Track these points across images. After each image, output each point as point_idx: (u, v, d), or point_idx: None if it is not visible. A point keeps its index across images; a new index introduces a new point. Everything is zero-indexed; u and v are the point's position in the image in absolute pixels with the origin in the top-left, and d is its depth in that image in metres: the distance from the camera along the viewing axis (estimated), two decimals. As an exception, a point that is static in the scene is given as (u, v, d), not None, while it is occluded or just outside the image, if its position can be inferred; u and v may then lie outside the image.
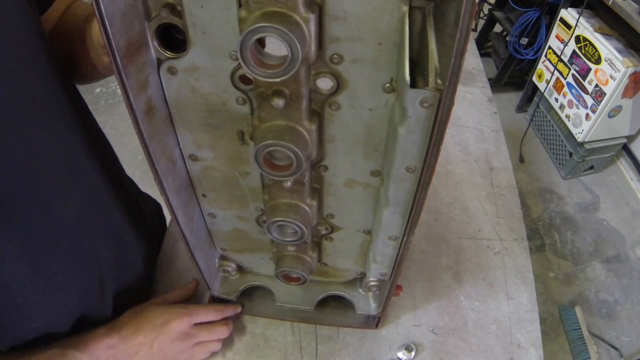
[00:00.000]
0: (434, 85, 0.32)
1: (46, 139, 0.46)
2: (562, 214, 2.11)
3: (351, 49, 0.35)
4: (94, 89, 2.66)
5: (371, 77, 0.37)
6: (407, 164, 0.39)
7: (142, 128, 0.38)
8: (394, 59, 0.35)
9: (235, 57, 0.36)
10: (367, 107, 0.39)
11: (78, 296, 0.54)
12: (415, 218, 0.44)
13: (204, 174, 0.50)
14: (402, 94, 0.35)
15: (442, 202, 0.92)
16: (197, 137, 0.45)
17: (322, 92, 0.38)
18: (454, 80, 0.30)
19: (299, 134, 0.40)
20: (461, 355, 0.70)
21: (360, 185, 0.48)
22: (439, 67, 0.32)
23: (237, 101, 0.40)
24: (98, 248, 0.55)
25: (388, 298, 0.61)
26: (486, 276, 0.80)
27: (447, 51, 0.30)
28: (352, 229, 0.55)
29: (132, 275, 0.66)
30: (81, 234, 0.52)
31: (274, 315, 0.73)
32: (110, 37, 0.31)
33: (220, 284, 0.69)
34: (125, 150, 2.34)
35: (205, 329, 0.64)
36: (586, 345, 1.62)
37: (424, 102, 0.33)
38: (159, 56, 0.38)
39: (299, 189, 0.47)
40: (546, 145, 2.38)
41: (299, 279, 0.59)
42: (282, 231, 0.51)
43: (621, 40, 1.85)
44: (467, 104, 1.15)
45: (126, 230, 0.63)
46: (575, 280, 1.88)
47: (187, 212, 0.52)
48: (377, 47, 0.34)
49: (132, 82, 0.35)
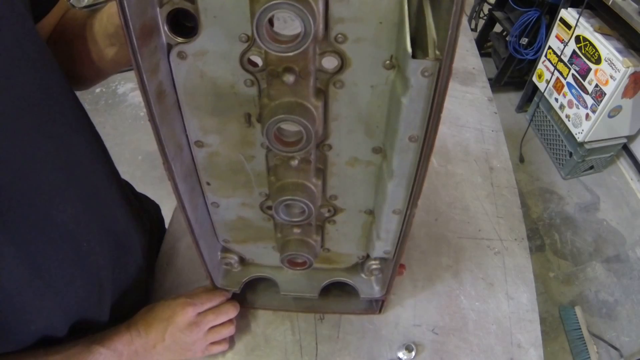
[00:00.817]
0: (434, 55, 0.35)
1: (45, 144, 0.46)
2: (562, 214, 2.11)
3: (354, 28, 0.37)
4: (94, 89, 2.65)
5: (373, 55, 0.39)
6: (410, 133, 0.41)
7: (154, 111, 0.40)
8: (394, 37, 0.37)
9: (245, 39, 0.38)
10: (369, 84, 0.41)
11: (77, 300, 0.54)
12: (418, 189, 0.46)
13: (209, 161, 0.51)
14: (404, 66, 0.37)
15: (442, 202, 0.92)
16: (204, 122, 0.46)
17: (327, 70, 0.40)
18: (451, 51, 0.34)
19: (308, 109, 0.42)
20: (461, 355, 0.70)
21: (362, 163, 0.50)
22: (436, 40, 0.36)
23: (246, 83, 0.42)
24: (97, 251, 0.55)
25: (392, 277, 0.62)
26: (486, 276, 0.80)
27: (443, 24, 0.33)
28: (355, 210, 0.56)
29: (130, 277, 0.66)
30: (80, 237, 0.52)
31: (278, 307, 0.73)
32: (128, 18, 0.33)
33: (223, 277, 0.69)
34: (125, 150, 2.34)
35: (211, 313, 0.65)
36: (586, 345, 1.62)
37: (425, 71, 0.36)
38: (169, 41, 0.39)
39: (305, 167, 0.49)
40: (546, 145, 2.38)
41: (305, 263, 0.61)
42: (289, 211, 0.53)
43: (621, 40, 1.85)
44: (467, 104, 1.15)
45: (125, 232, 0.63)
46: (575, 280, 1.88)
47: (192, 200, 0.53)
48: (378, 26, 0.37)
49: (145, 65, 0.37)
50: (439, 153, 1.02)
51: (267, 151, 0.49)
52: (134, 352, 0.59)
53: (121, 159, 2.16)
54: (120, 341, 0.58)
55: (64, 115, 0.50)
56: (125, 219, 0.63)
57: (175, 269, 0.80)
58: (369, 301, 0.73)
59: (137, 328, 0.60)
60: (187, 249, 0.82)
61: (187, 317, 0.63)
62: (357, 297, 0.69)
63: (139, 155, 2.26)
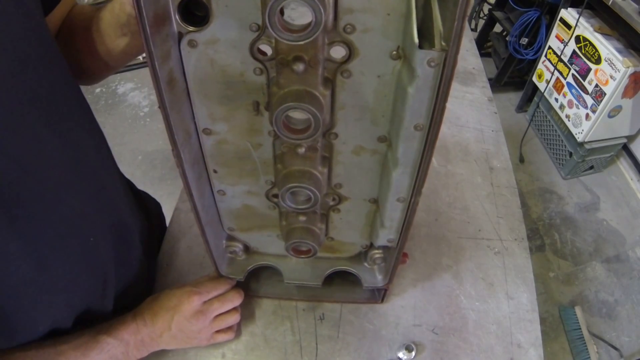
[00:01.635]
0: (440, 46, 0.36)
1: (51, 139, 0.46)
2: (562, 214, 2.11)
3: (362, 19, 0.38)
4: (94, 89, 2.66)
5: (380, 45, 0.40)
6: (415, 122, 0.42)
7: (165, 97, 0.41)
8: (401, 28, 0.38)
9: (255, 28, 0.39)
10: (375, 74, 0.42)
11: (82, 294, 0.55)
12: (423, 177, 0.48)
13: (216, 149, 0.52)
14: (410, 56, 0.38)
15: (443, 202, 0.92)
16: (212, 109, 0.47)
17: (335, 60, 0.41)
18: (457, 42, 0.35)
19: (316, 97, 0.43)
20: (461, 355, 0.70)
21: (367, 151, 0.51)
22: (443, 31, 0.37)
23: (255, 71, 0.43)
24: (102, 246, 0.56)
25: (396, 265, 0.63)
26: (486, 276, 0.80)
27: (449, 16, 0.34)
28: (359, 198, 0.57)
29: (132, 271, 0.67)
30: (86, 233, 0.53)
31: (282, 295, 0.74)
32: (142, 5, 0.34)
33: (228, 265, 0.70)
34: (125, 150, 2.34)
35: (216, 300, 0.66)
36: (586, 345, 1.62)
37: (431, 61, 0.37)
38: (180, 30, 0.40)
39: (311, 155, 0.50)
40: (546, 145, 2.38)
41: (309, 251, 0.62)
42: (295, 198, 0.54)
43: (621, 40, 1.85)
44: (467, 104, 1.15)
45: (127, 227, 0.64)
46: (575, 280, 1.88)
47: (200, 188, 0.54)
48: (385, 17, 0.38)
49: (157, 52, 0.38)
50: (439, 153, 1.02)
51: (274, 139, 0.50)
52: (140, 341, 0.60)
53: (121, 159, 2.14)
54: (126, 330, 0.59)
55: (70, 110, 0.50)
56: (128, 214, 0.64)
57: (176, 269, 0.80)
58: (372, 291, 0.73)
59: (143, 317, 0.61)
60: (187, 250, 0.82)
61: (193, 305, 0.63)
62: (360, 286, 0.69)
63: (138, 155, 2.26)
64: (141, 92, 2.64)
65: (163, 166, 2.18)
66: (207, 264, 0.78)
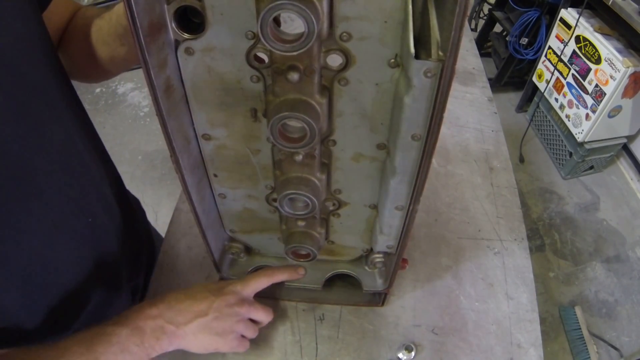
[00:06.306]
0: (437, 56, 0.35)
1: (42, 134, 0.47)
2: (562, 214, 2.11)
3: (359, 27, 0.37)
4: (94, 89, 2.66)
5: (377, 53, 0.39)
6: (412, 132, 0.42)
7: (162, 105, 0.41)
8: (398, 36, 0.38)
9: (250, 36, 0.39)
10: (373, 82, 0.42)
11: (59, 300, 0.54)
12: (421, 186, 0.47)
13: (216, 153, 0.52)
14: (407, 66, 0.37)
15: (442, 202, 0.92)
16: (211, 116, 0.47)
17: (332, 68, 0.41)
18: (454, 52, 0.33)
19: (312, 106, 0.42)
20: (461, 355, 0.70)
21: (367, 158, 0.50)
22: (440, 40, 0.36)
23: (252, 79, 0.43)
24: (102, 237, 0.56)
25: (395, 271, 0.63)
26: (486, 276, 0.80)
27: (447, 25, 0.33)
28: (359, 204, 0.57)
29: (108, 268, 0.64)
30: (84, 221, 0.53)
31: (282, 297, 0.74)
32: (135, 16, 0.33)
33: (229, 266, 0.70)
34: (125, 150, 2.34)
35: (255, 303, 0.62)
36: (586, 345, 1.62)
37: (428, 72, 0.36)
38: (176, 37, 0.40)
39: (309, 162, 0.50)
40: (546, 145, 2.38)
41: (308, 255, 0.62)
42: (293, 205, 0.54)
43: (621, 40, 1.85)
44: (467, 104, 1.15)
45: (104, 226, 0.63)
46: (575, 280, 1.88)
47: (200, 191, 0.54)
48: (382, 25, 0.37)
49: (153, 61, 0.37)
50: (439, 153, 1.02)
51: (272, 145, 0.50)
52: (160, 328, 0.52)
53: (121, 159, 2.16)
54: (139, 317, 0.52)
55: (61, 98, 0.50)
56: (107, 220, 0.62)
57: (176, 269, 0.80)
58: (372, 294, 0.73)
59: (164, 301, 0.55)
60: (187, 250, 0.82)
61: (237, 294, 0.59)
62: (360, 289, 0.69)
63: (138, 155, 2.26)
64: (141, 92, 2.64)
65: (163, 166, 2.18)
66: (207, 264, 0.78)
